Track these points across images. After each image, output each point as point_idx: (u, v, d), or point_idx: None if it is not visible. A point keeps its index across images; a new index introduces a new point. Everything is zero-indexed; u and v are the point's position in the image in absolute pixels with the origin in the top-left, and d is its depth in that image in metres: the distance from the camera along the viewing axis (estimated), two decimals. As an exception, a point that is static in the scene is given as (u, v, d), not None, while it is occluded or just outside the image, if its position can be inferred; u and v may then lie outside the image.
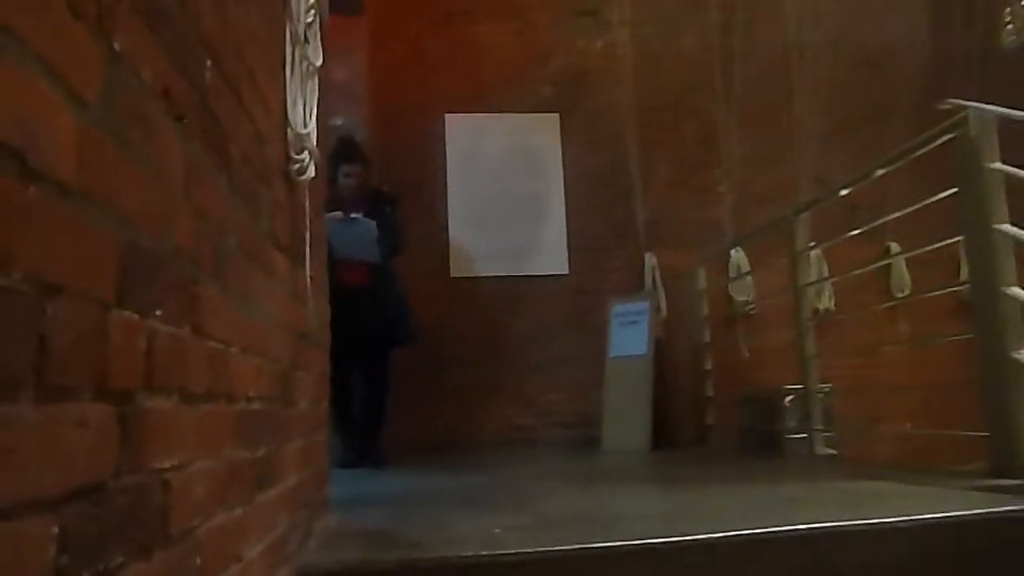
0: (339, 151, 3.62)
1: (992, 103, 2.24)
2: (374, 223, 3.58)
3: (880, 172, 2.83)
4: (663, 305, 4.92)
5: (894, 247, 5.07)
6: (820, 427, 3.34)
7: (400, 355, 3.87)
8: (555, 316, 5.09)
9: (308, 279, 1.69)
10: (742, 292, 5.16)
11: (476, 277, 5.09)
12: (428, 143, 5.19)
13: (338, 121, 4.30)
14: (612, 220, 5.29)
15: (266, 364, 1.27)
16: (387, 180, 4.40)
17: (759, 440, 3.90)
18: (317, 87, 1.76)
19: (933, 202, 2.44)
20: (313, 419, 1.75)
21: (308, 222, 1.70)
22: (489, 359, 4.95)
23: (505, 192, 5.21)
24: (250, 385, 1.14)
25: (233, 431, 1.04)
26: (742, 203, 5.25)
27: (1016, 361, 2.10)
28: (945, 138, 2.36)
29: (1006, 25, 5.22)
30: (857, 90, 5.49)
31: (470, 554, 1.38)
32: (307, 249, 1.68)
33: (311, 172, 1.68)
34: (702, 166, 5.41)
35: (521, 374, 4.96)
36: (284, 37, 1.55)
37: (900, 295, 5.12)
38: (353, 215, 3.56)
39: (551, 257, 5.20)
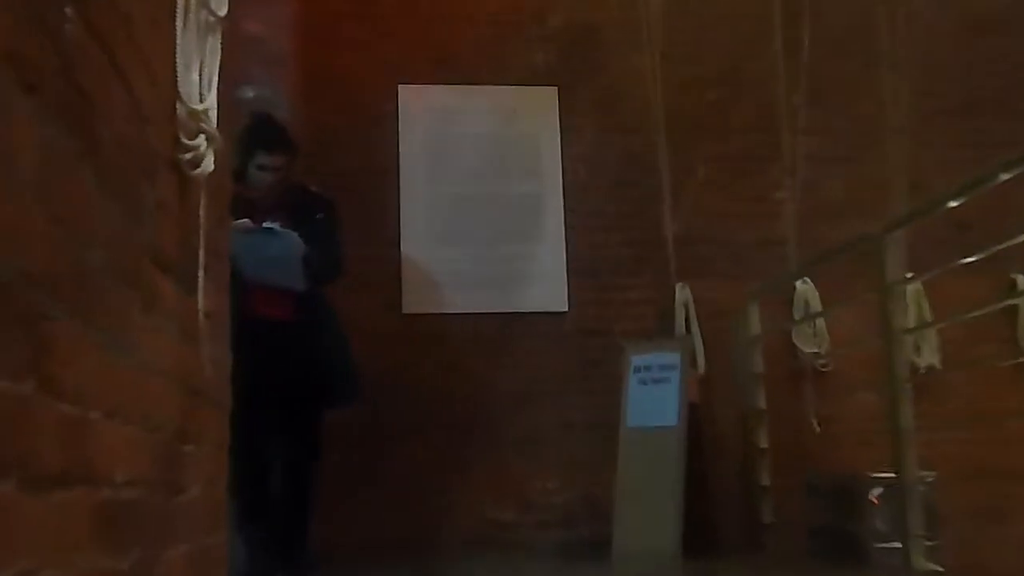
0: (253, 135, 3.69)
1: None
2: (298, 235, 3.64)
3: (1003, 177, 2.85)
4: (700, 357, 4.98)
5: (1023, 281, 5.15)
6: (920, 532, 3.32)
7: (336, 420, 3.91)
8: (549, 369, 5.11)
9: (203, 312, 1.71)
10: (810, 340, 5.21)
11: (440, 314, 5.11)
12: (376, 126, 5.24)
13: (250, 93, 4.46)
14: (630, 236, 5.34)
15: (143, 434, 1.27)
16: (319, 176, 4.45)
17: (833, 545, 3.92)
18: (219, 46, 1.79)
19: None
20: (208, 512, 1.75)
21: (205, 232, 1.72)
22: (458, 428, 4.99)
23: (481, 195, 5.26)
24: (120, 464, 1.12)
25: (94, 529, 1.02)
26: (810, 216, 5.25)
27: None
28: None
29: None
30: (967, 63, 5.52)
31: None
32: (202, 271, 1.70)
33: (210, 164, 1.70)
34: (756, 164, 5.46)
35: (502, 449, 5.00)
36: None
37: (1032, 348, 5.18)
38: (269, 224, 3.62)
39: (544, 286, 5.25)
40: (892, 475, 3.47)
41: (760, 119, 5.45)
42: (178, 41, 1.56)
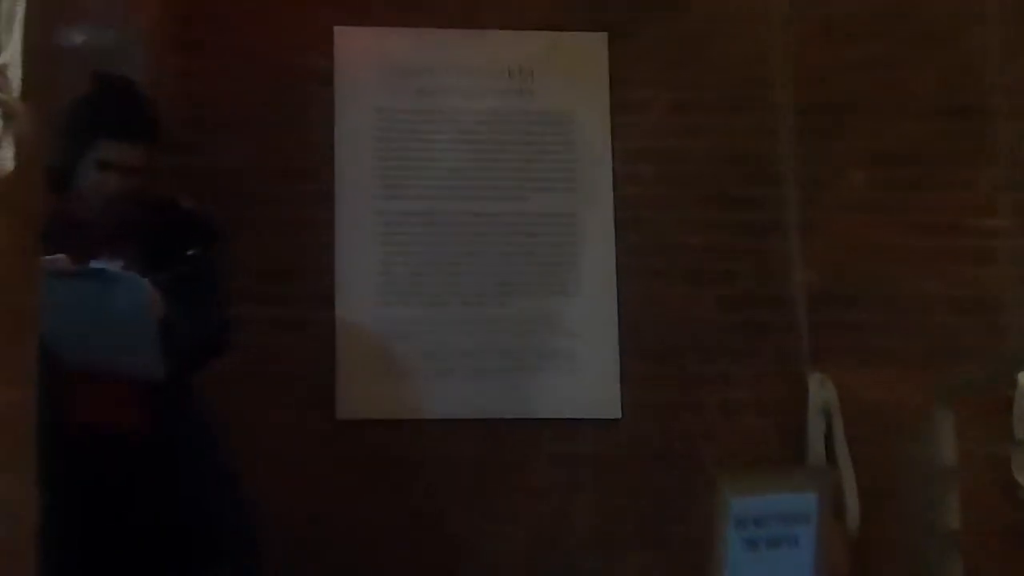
0: (93, 112, 3.72)
1: None
2: (153, 283, 3.57)
3: None
4: (852, 501, 4.92)
5: None
6: None
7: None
8: (587, 521, 5.08)
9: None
10: (1045, 474, 5.08)
11: (398, 423, 5.07)
12: (295, 98, 5.26)
13: (89, 41, 4.54)
14: (731, 290, 5.31)
15: None
16: (197, 183, 4.53)
17: None
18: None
19: None
20: None
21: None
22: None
23: (469, 216, 5.24)
24: None
25: None
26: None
27: None
28: None
29: None
30: None
31: None
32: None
33: (7, 159, 1.75)
34: (949, 170, 5.49)
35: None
36: None
37: None
38: (102, 265, 3.60)
39: (580, 376, 5.20)
40: None
41: (959, 93, 5.49)
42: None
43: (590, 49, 5.39)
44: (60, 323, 3.06)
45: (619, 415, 5.16)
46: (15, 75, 1.74)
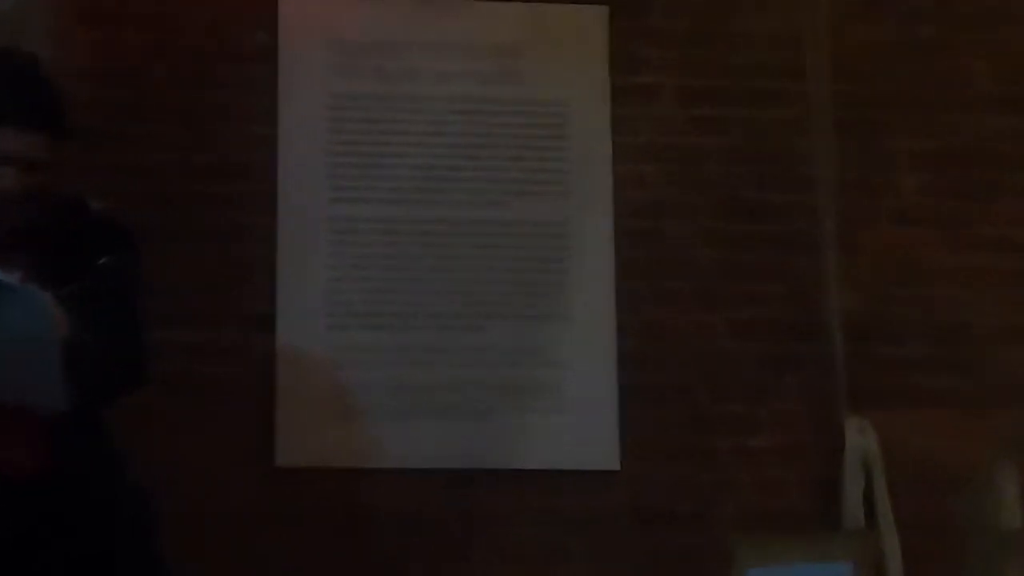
0: None
1: None
2: (49, 296, 3.39)
3: None
4: (895, 570, 4.86)
5: None
6: None
7: None
8: None
9: None
10: None
11: (350, 471, 4.98)
12: (231, 78, 5.20)
13: None
14: (753, 316, 5.25)
15: None
16: (110, 180, 4.52)
17: None
18: None
19: None
20: None
21: None
22: None
23: (436, 224, 5.16)
24: None
25: None
26: None
27: None
28: None
29: None
30: None
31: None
32: None
33: None
34: (1016, 173, 5.48)
35: None
36: None
37: None
38: None
39: (573, 416, 5.10)
40: None
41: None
42: None
43: (587, 25, 5.32)
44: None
45: (617, 466, 5.06)
46: None
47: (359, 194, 5.15)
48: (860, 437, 5.06)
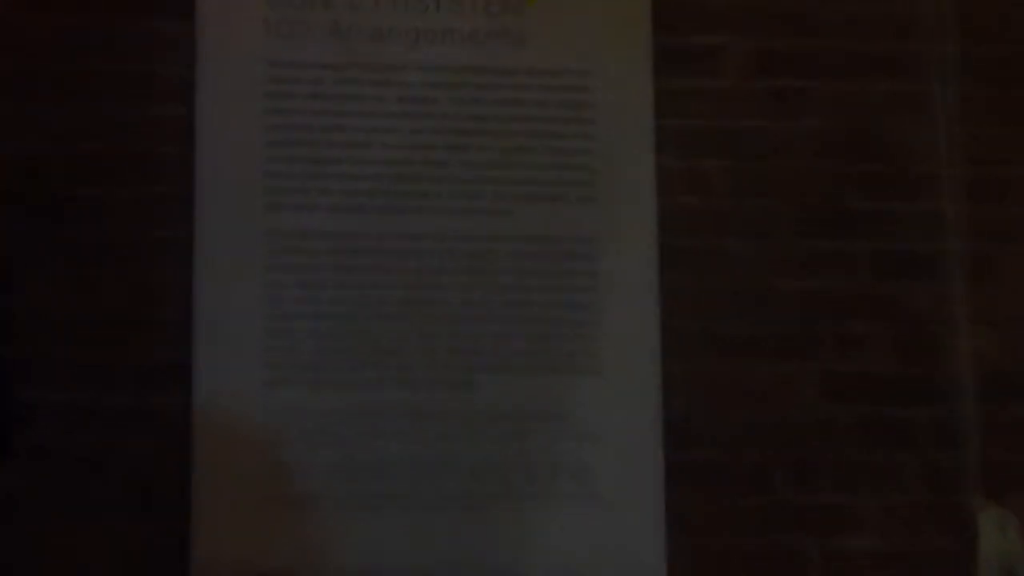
0: None
1: None
2: None
3: None
4: None
5: None
6: None
7: None
8: None
9: None
10: None
11: None
12: (134, 45, 4.45)
13: None
14: (848, 361, 4.50)
15: None
16: None
17: None
18: None
19: None
20: None
21: None
22: None
23: (416, 237, 4.38)
24: None
25: None
26: None
27: None
28: None
29: None
30: None
31: None
32: None
33: None
34: None
35: None
36: None
37: None
38: None
39: (604, 504, 4.29)
40: None
41: None
42: None
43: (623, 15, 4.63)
44: None
45: (663, 569, 4.21)
46: None
47: (306, 199, 4.21)
48: (999, 534, 4.38)
